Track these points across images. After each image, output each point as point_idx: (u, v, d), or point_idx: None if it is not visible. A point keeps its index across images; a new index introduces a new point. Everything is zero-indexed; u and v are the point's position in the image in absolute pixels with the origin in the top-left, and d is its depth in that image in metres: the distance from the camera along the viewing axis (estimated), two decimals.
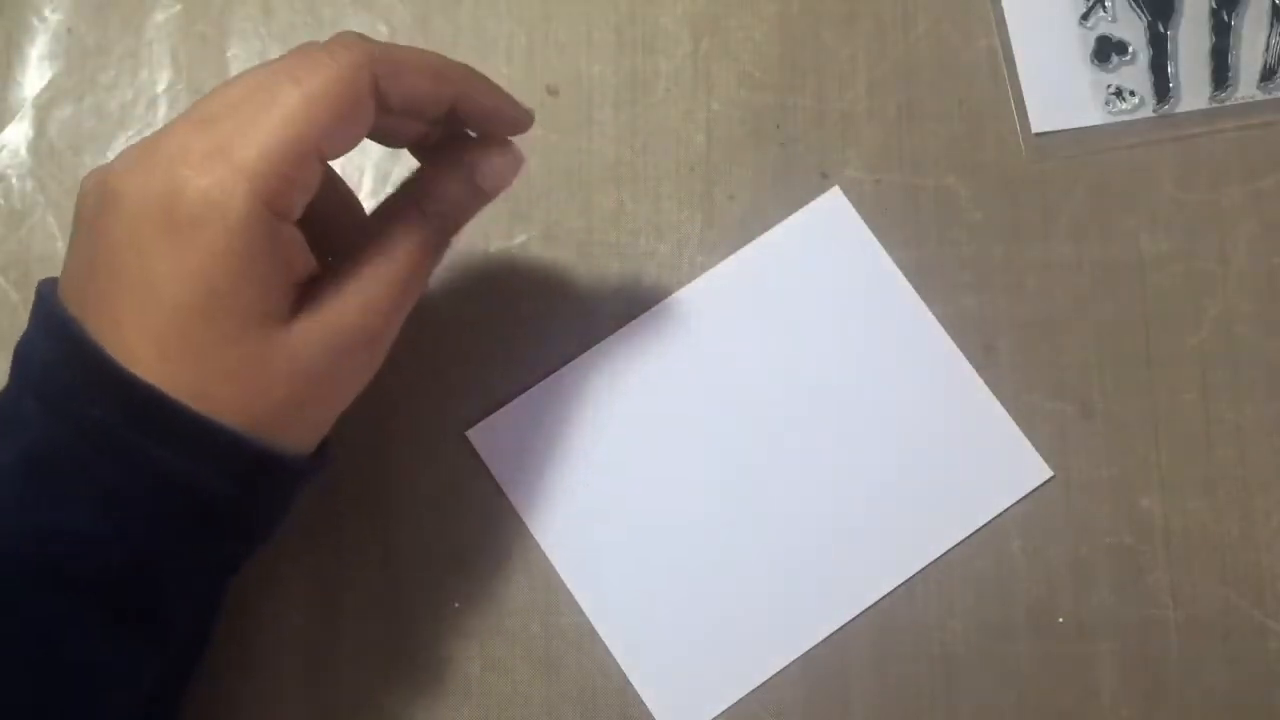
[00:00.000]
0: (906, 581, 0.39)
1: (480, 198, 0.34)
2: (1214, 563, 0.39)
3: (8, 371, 0.32)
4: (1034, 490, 0.39)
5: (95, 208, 0.29)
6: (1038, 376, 0.40)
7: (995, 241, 0.41)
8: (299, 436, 0.31)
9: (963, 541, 0.39)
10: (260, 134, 0.28)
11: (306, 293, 0.30)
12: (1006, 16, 0.43)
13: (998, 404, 0.40)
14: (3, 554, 0.29)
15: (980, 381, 0.40)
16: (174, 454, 0.29)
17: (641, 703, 0.38)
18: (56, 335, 0.30)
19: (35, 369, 0.30)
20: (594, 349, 0.40)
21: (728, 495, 0.40)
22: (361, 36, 0.31)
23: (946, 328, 0.40)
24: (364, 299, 0.31)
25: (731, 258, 0.41)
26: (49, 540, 0.29)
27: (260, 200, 0.28)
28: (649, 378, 0.40)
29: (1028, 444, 0.40)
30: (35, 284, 0.32)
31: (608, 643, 0.39)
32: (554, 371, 0.40)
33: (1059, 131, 0.42)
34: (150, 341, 0.28)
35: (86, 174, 0.31)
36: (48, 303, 0.31)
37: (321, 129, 0.29)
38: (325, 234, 0.32)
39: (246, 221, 0.28)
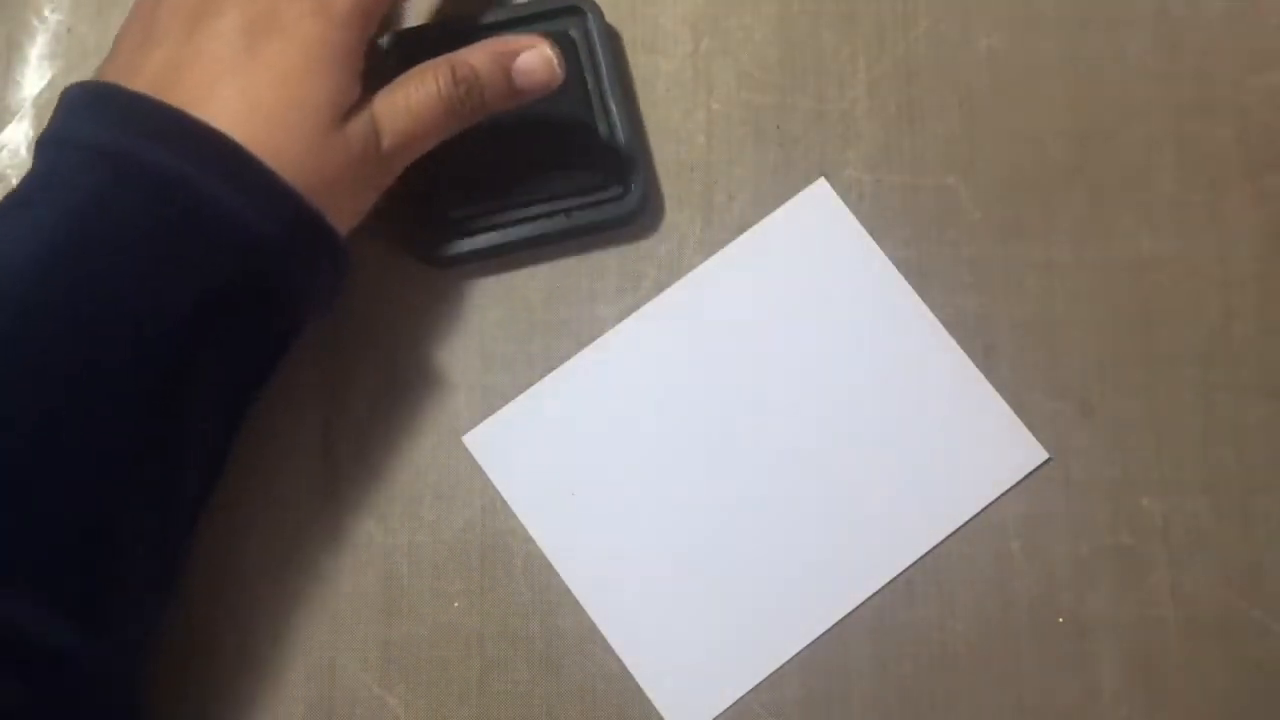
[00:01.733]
0: (907, 580, 0.39)
1: (511, 88, 0.38)
2: (1214, 563, 0.39)
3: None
4: (1034, 482, 0.39)
5: (190, 18, 0.35)
6: (1037, 376, 0.40)
7: (995, 241, 0.41)
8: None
9: (963, 537, 0.39)
10: None
11: (352, 111, 0.36)
12: None
13: (990, 388, 0.40)
14: (36, 335, 0.31)
15: (972, 366, 0.40)
16: (233, 191, 0.32)
17: (641, 702, 0.38)
18: (119, 102, 0.34)
19: (84, 132, 0.33)
20: (584, 351, 0.40)
21: (725, 490, 0.40)
22: None
23: (947, 327, 0.40)
24: (392, 126, 0.36)
25: (719, 253, 0.41)
26: (89, 324, 0.31)
27: (335, 25, 0.35)
28: (643, 376, 0.40)
29: (1023, 428, 0.40)
30: None
31: (611, 641, 0.39)
32: (548, 374, 0.40)
33: None
34: (240, 108, 0.33)
35: None
36: (94, 88, 0.34)
37: None
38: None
39: (338, 33, 0.35)
